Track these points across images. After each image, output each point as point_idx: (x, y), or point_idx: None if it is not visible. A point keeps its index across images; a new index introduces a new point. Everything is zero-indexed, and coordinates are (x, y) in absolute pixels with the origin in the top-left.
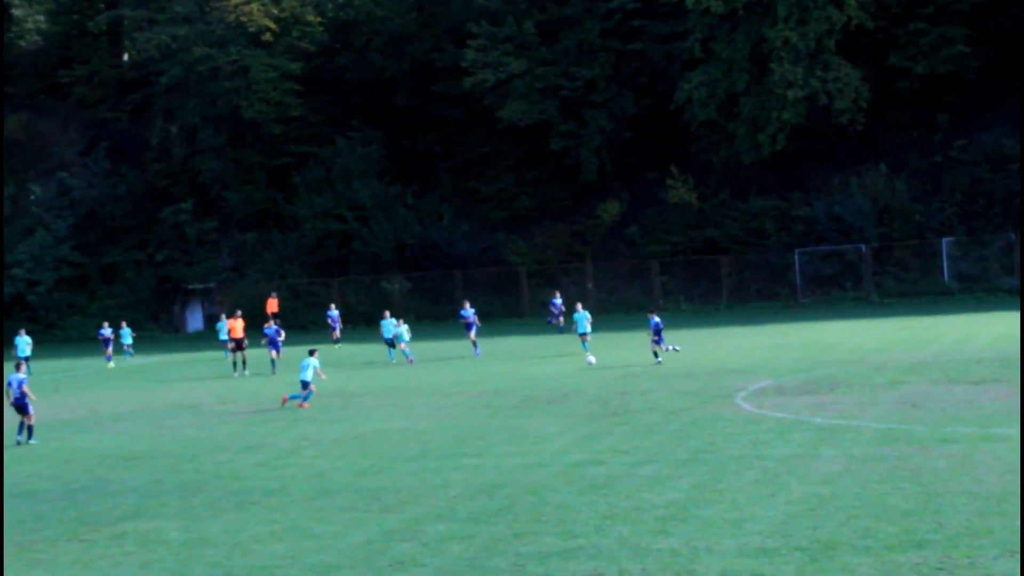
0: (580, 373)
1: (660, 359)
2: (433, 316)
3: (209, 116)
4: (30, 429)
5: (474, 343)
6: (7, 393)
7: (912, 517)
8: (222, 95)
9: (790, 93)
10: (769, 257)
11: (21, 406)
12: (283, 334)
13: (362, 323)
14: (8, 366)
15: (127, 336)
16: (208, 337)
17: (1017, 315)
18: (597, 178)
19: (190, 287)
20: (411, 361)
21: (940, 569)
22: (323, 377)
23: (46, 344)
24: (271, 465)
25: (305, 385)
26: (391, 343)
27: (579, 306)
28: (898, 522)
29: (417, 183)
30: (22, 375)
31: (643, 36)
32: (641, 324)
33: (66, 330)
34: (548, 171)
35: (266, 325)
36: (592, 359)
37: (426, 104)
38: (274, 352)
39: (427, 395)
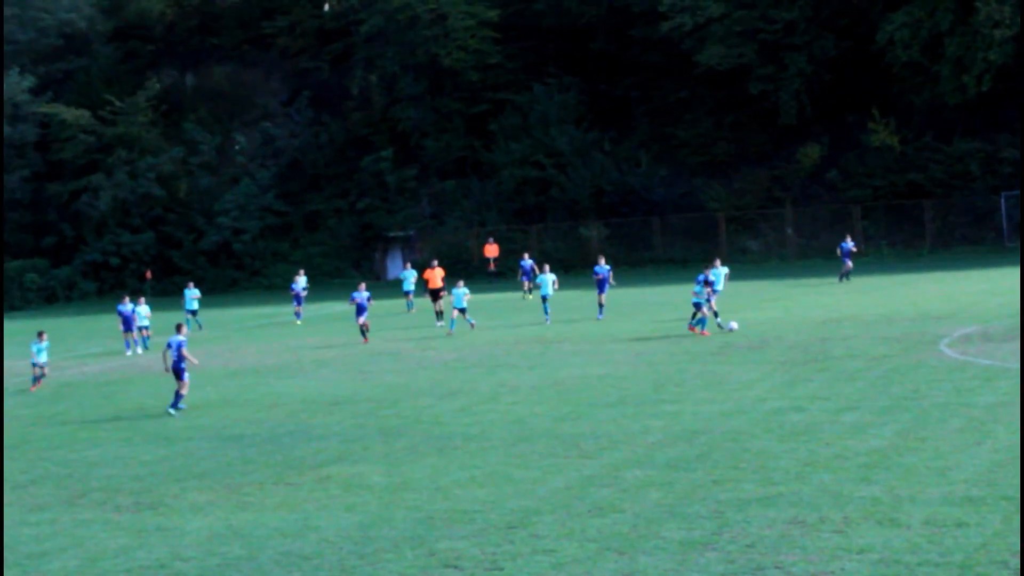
0: (779, 319)
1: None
2: (631, 262)
3: (408, 65)
4: (178, 397)
5: (601, 305)
6: (165, 356)
7: None
8: (421, 43)
9: (997, 33)
10: (974, 201)
11: (177, 371)
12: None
13: (559, 269)
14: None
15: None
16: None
17: None
18: (796, 122)
19: (391, 235)
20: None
21: None
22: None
23: (251, 291)
24: (471, 411)
25: (698, 307)
26: (545, 299)
27: (718, 262)
28: None
29: (614, 129)
30: (182, 336)
31: None
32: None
33: (270, 277)
34: (746, 115)
35: (358, 289)
36: (734, 325)
37: (623, 49)
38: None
39: (624, 341)
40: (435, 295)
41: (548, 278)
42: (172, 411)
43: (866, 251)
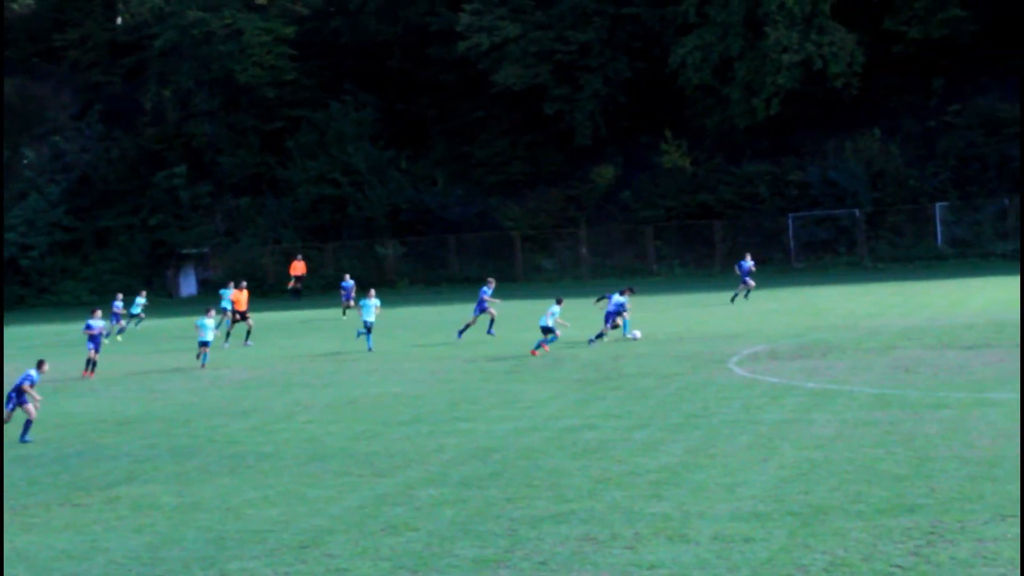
0: (573, 338)
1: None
2: (427, 280)
3: (203, 80)
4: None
5: (467, 328)
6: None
7: (904, 482)
8: (216, 59)
9: (785, 57)
10: (763, 222)
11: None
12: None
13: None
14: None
15: (137, 306)
16: (202, 302)
17: (1010, 280)
18: (591, 142)
19: (183, 252)
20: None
21: (931, 533)
22: (567, 326)
23: (39, 308)
24: (264, 430)
25: (546, 331)
26: (369, 328)
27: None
28: (890, 487)
29: (411, 147)
30: (33, 372)
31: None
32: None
33: (59, 295)
34: (542, 135)
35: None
36: (638, 333)
37: (420, 68)
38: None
39: (421, 360)
40: (242, 316)
41: (372, 303)
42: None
43: (657, 271)
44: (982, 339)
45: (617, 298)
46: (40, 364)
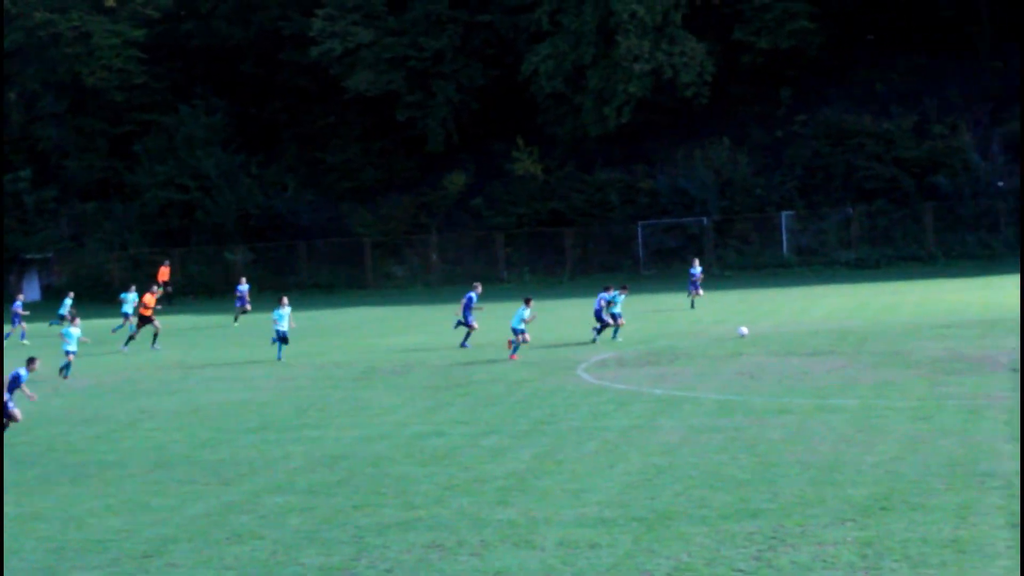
0: (424, 344)
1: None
2: (276, 287)
3: (50, 82)
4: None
5: (468, 336)
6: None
7: (747, 487)
8: (63, 61)
9: (636, 66)
10: (613, 229)
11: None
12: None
13: (203, 294)
14: None
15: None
16: (45, 308)
17: (852, 287)
18: (443, 149)
19: (27, 257)
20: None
21: (773, 538)
22: (531, 319)
23: None
24: (108, 438)
25: (516, 333)
26: (283, 337)
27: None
28: (734, 492)
29: (262, 152)
30: (23, 371)
31: (492, 7)
32: (485, 296)
33: None
34: (394, 142)
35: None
36: (744, 330)
37: (272, 73)
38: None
39: (268, 367)
40: (147, 319)
41: (286, 312)
42: None
43: (507, 278)
44: (825, 346)
45: (603, 294)
46: (30, 362)
